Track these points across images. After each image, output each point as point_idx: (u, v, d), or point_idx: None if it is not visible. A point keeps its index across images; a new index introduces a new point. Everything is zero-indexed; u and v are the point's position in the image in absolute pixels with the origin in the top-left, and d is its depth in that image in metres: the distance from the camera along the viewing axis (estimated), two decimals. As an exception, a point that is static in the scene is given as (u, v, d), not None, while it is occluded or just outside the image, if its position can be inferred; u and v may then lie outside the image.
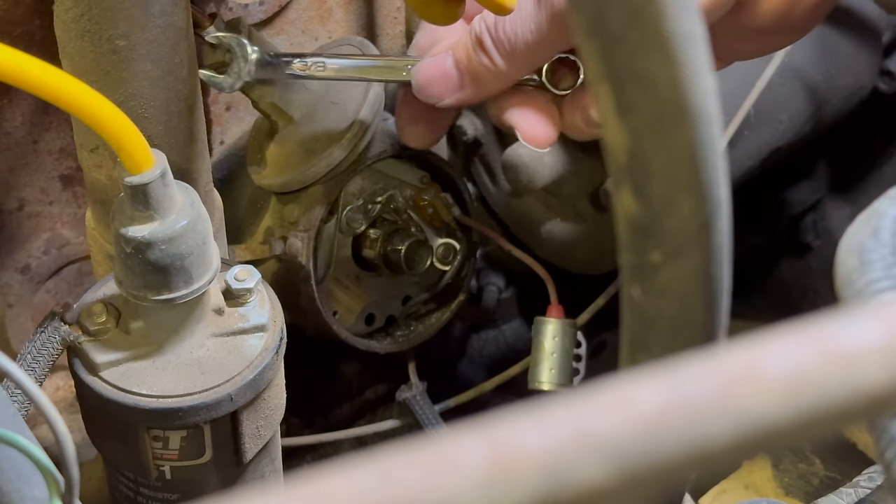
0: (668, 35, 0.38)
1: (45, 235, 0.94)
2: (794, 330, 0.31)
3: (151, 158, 0.63)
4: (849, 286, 0.45)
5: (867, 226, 0.46)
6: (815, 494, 1.09)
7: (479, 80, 0.82)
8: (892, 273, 0.44)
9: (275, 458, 0.79)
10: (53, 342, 0.69)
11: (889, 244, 0.45)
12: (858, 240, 0.46)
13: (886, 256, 0.45)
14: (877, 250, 0.45)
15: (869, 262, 0.45)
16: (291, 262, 0.96)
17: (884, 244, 0.45)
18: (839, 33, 1.13)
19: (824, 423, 0.29)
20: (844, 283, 0.45)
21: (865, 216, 0.47)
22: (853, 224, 0.47)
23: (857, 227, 0.47)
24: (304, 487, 0.27)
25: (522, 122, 0.84)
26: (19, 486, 0.56)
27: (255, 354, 0.70)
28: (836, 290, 0.46)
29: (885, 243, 0.45)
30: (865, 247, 0.45)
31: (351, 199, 0.99)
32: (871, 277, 0.44)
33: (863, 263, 0.45)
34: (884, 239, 0.45)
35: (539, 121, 0.84)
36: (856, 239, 0.46)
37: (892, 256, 0.45)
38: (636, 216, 0.42)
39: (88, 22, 0.67)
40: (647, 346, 0.45)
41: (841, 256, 0.46)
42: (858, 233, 0.46)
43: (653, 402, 0.29)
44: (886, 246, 0.45)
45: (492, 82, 0.82)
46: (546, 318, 1.00)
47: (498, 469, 0.27)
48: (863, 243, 0.45)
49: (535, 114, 0.84)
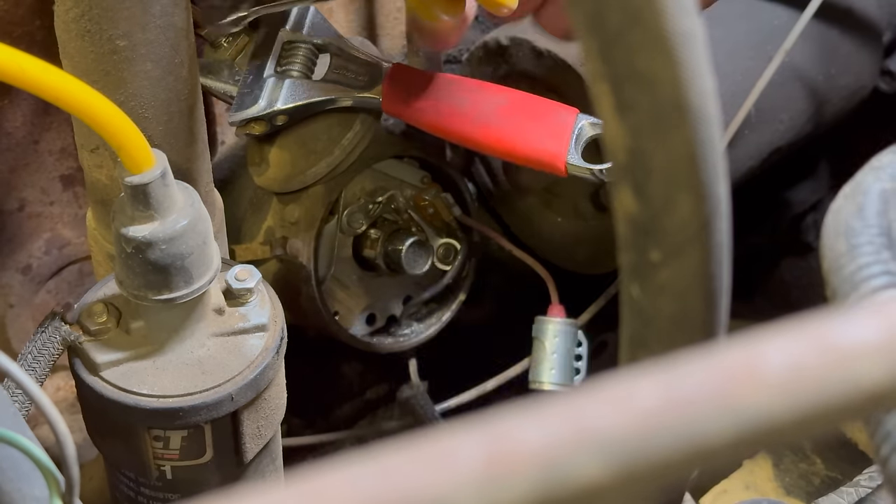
0: (667, 34, 0.38)
1: (46, 236, 0.94)
2: (793, 327, 0.31)
3: (152, 158, 0.63)
4: (837, 272, 0.44)
5: (852, 202, 0.45)
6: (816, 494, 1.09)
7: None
8: (881, 258, 0.44)
9: (276, 458, 0.79)
10: (54, 342, 0.69)
11: (875, 224, 0.44)
12: (843, 219, 0.45)
13: (874, 239, 0.44)
14: (864, 232, 0.44)
15: (857, 245, 0.44)
16: (292, 263, 0.97)
17: (870, 224, 0.44)
18: (840, 33, 1.13)
19: (823, 419, 0.29)
20: (832, 267, 0.45)
21: (849, 190, 0.46)
22: (836, 199, 0.46)
23: (841, 202, 0.46)
24: (303, 484, 0.27)
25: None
26: (20, 485, 0.56)
27: (256, 354, 0.70)
28: (824, 273, 0.45)
29: (871, 223, 0.44)
30: (852, 228, 0.44)
31: (352, 199, 0.99)
32: (860, 263, 0.44)
33: (851, 248, 0.44)
34: (869, 218, 0.44)
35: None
36: (840, 217, 0.45)
37: (880, 238, 0.44)
38: (636, 215, 0.42)
39: (89, 22, 0.67)
40: (646, 345, 0.45)
41: (827, 238, 0.45)
42: (843, 210, 0.45)
43: (652, 398, 0.29)
44: (873, 226, 0.44)
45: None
46: (547, 318, 1.00)
47: (496, 466, 0.27)
48: (848, 223, 0.45)
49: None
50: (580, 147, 0.81)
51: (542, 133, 0.81)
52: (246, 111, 0.84)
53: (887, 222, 0.45)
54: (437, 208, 1.01)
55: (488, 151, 0.84)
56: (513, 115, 0.81)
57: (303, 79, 0.86)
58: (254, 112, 0.84)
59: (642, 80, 0.39)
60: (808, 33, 1.07)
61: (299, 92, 0.85)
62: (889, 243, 0.44)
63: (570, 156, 0.80)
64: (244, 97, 0.85)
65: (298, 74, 0.86)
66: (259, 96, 0.85)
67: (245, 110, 0.84)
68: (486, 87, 0.83)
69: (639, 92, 0.39)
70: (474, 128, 0.82)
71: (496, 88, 0.83)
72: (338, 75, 0.87)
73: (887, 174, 0.47)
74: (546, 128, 0.81)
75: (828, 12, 1.07)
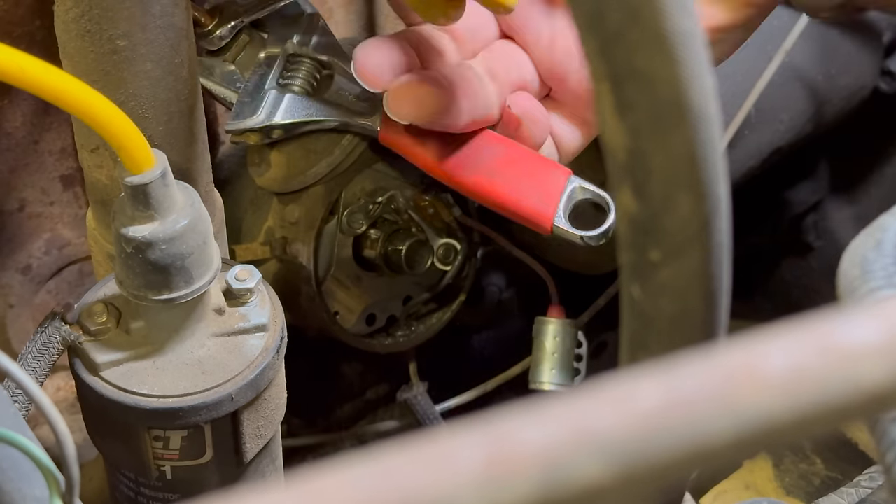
0: (667, 33, 0.38)
1: (46, 236, 0.94)
2: (794, 328, 0.31)
3: (152, 158, 0.63)
4: (850, 294, 0.45)
5: (871, 238, 0.47)
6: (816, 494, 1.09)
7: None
8: (893, 281, 0.44)
9: (276, 459, 0.79)
10: (54, 342, 0.69)
11: (891, 254, 0.45)
12: (861, 252, 0.46)
13: (888, 266, 0.45)
14: (878, 261, 0.45)
15: (870, 271, 0.45)
16: (292, 263, 0.97)
17: (885, 255, 0.45)
18: (840, 33, 1.13)
19: (824, 420, 0.29)
20: (846, 291, 0.45)
21: (870, 230, 0.47)
22: (857, 237, 0.48)
23: (861, 239, 0.47)
24: (303, 485, 0.27)
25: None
26: (20, 485, 0.56)
27: (256, 354, 0.70)
28: (838, 297, 0.46)
29: (886, 254, 0.45)
30: (868, 258, 0.45)
31: (352, 199, 0.99)
32: (872, 286, 0.44)
33: (864, 273, 0.45)
34: (886, 250, 0.45)
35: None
36: (859, 251, 0.46)
37: (894, 266, 0.45)
38: (636, 215, 0.42)
39: (89, 22, 0.67)
40: (647, 346, 0.45)
41: (844, 268, 0.46)
42: (862, 245, 0.47)
43: (652, 399, 0.29)
44: (888, 256, 0.45)
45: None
46: (547, 319, 1.00)
47: (496, 466, 0.27)
48: (865, 255, 0.46)
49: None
50: (568, 209, 0.83)
51: (534, 191, 0.82)
52: (244, 122, 0.84)
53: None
54: (437, 208, 1.01)
55: (478, 200, 0.85)
56: (507, 169, 0.83)
57: (303, 95, 0.86)
58: (251, 124, 0.84)
59: (642, 79, 0.39)
60: (808, 33, 1.07)
61: (299, 109, 0.85)
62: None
63: (557, 218, 0.82)
64: (243, 106, 0.85)
65: (300, 90, 0.86)
66: (258, 108, 0.85)
67: (243, 121, 0.84)
68: (484, 136, 0.84)
69: (639, 91, 0.39)
70: (468, 176, 0.83)
71: (494, 138, 0.84)
72: (338, 96, 0.87)
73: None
74: (538, 186, 0.82)
75: (828, 12, 1.07)
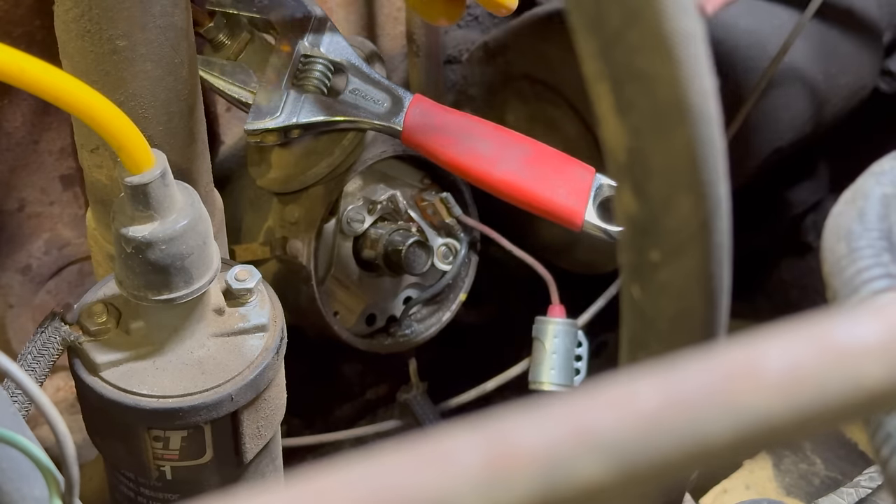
0: (667, 33, 0.38)
1: (46, 236, 0.94)
2: (793, 327, 0.31)
3: (152, 158, 0.63)
4: (838, 274, 0.44)
5: (852, 207, 0.46)
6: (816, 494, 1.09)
7: None
8: (881, 261, 0.44)
9: (275, 459, 0.79)
10: (54, 342, 0.69)
11: (876, 227, 0.44)
12: (844, 222, 0.45)
13: (874, 242, 0.44)
14: (864, 236, 0.44)
15: (857, 248, 0.44)
16: (292, 263, 0.97)
17: (870, 228, 0.44)
18: (840, 33, 1.13)
19: (822, 419, 0.29)
20: (833, 270, 0.45)
21: (850, 195, 0.46)
22: (838, 203, 0.47)
23: (842, 207, 0.46)
24: (303, 485, 0.27)
25: None
26: (20, 485, 0.56)
27: (256, 354, 0.70)
28: (824, 275, 0.46)
29: (871, 227, 0.44)
30: (852, 232, 0.45)
31: (351, 199, 0.99)
32: (860, 266, 0.44)
33: (851, 251, 0.44)
34: (870, 222, 0.45)
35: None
36: (841, 221, 0.46)
37: (880, 242, 0.44)
38: (636, 215, 0.42)
39: (89, 22, 0.67)
40: (647, 345, 0.45)
41: (827, 241, 0.45)
42: (844, 214, 0.46)
43: (652, 399, 0.29)
44: (874, 230, 0.44)
45: None
46: (547, 319, 1.00)
47: (496, 466, 0.27)
48: (849, 227, 0.45)
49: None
50: (596, 206, 0.84)
51: (563, 188, 0.84)
52: (265, 122, 0.84)
53: (888, 226, 0.45)
54: (437, 208, 1.01)
55: (507, 198, 0.86)
56: (536, 167, 0.84)
57: (319, 95, 0.85)
58: (272, 124, 0.84)
59: (642, 79, 0.39)
60: (808, 33, 1.07)
61: (319, 109, 0.85)
62: (889, 247, 0.44)
63: (587, 214, 0.83)
64: (262, 107, 0.84)
65: (315, 90, 0.86)
66: (278, 108, 0.84)
67: (263, 120, 0.84)
68: (509, 135, 0.85)
69: (638, 91, 0.39)
70: (497, 174, 0.84)
71: (518, 137, 0.85)
72: (356, 97, 0.87)
73: (888, 179, 0.47)
74: (566, 183, 0.84)
75: (828, 12, 1.07)
